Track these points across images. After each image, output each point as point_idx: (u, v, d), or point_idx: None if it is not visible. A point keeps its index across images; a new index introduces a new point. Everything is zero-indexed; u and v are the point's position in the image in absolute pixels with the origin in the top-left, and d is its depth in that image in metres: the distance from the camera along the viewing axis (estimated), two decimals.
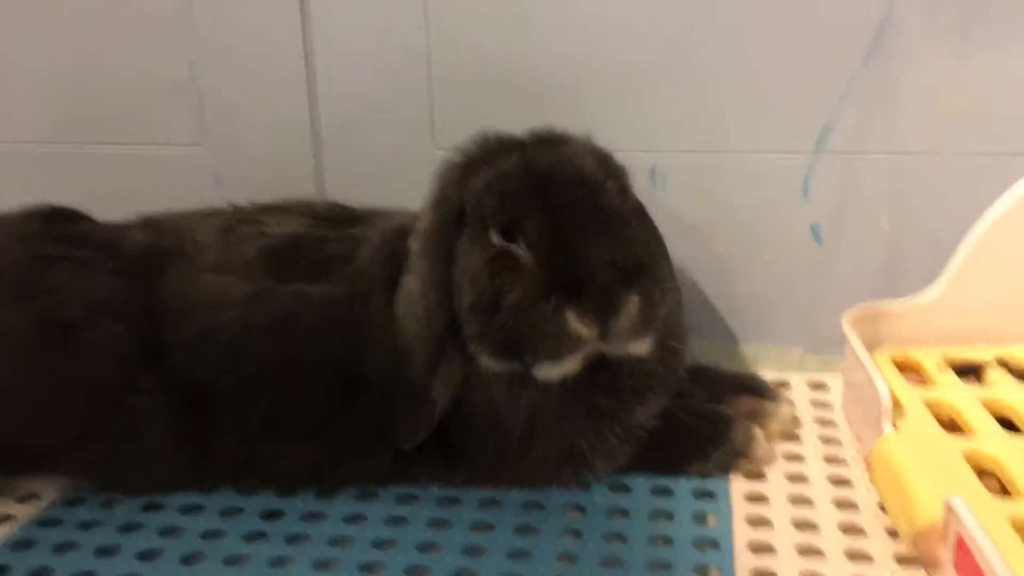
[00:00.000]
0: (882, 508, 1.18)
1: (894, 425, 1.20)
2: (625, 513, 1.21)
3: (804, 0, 1.39)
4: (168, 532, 1.21)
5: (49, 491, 1.30)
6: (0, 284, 1.30)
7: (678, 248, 1.37)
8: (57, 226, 1.42)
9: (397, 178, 1.48)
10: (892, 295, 1.47)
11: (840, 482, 1.26)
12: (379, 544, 1.17)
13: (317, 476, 1.28)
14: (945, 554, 0.99)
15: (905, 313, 1.45)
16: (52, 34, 1.58)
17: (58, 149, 1.64)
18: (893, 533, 1.14)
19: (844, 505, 1.20)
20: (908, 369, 1.41)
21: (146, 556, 1.16)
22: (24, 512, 1.26)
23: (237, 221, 1.42)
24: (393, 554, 1.15)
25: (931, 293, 1.45)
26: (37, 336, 1.25)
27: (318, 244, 1.36)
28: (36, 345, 1.24)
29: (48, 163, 1.65)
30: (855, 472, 1.28)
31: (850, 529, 1.15)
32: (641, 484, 1.27)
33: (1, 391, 1.23)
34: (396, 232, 1.31)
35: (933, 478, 1.10)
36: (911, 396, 1.29)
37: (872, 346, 1.41)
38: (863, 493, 1.23)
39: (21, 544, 1.19)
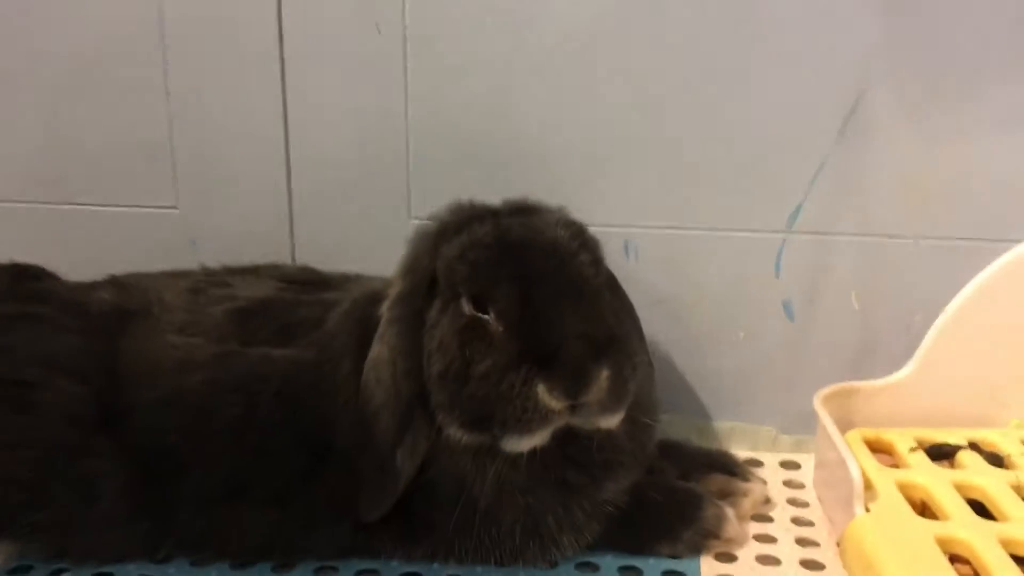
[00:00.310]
0: None
1: (866, 507, 1.18)
2: None
3: (778, 82, 1.42)
4: None
5: None
6: None
7: (650, 322, 1.37)
8: (21, 284, 1.40)
9: (372, 247, 1.48)
10: (865, 375, 1.48)
11: (812, 565, 1.23)
12: None
13: (276, 547, 1.24)
14: None
15: (877, 393, 1.45)
16: (30, 95, 1.57)
17: (32, 208, 1.62)
18: None
19: None
20: (880, 450, 1.40)
21: None
22: None
23: (207, 283, 1.41)
24: None
25: (902, 374, 1.45)
26: None
27: (288, 308, 1.34)
28: None
29: (22, 222, 1.63)
30: (827, 554, 1.25)
31: None
32: (609, 563, 1.24)
33: None
34: (367, 298, 1.29)
35: (906, 563, 1.08)
36: (883, 478, 1.28)
37: (844, 426, 1.40)
38: None
39: None
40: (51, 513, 1.20)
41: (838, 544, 1.24)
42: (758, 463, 1.52)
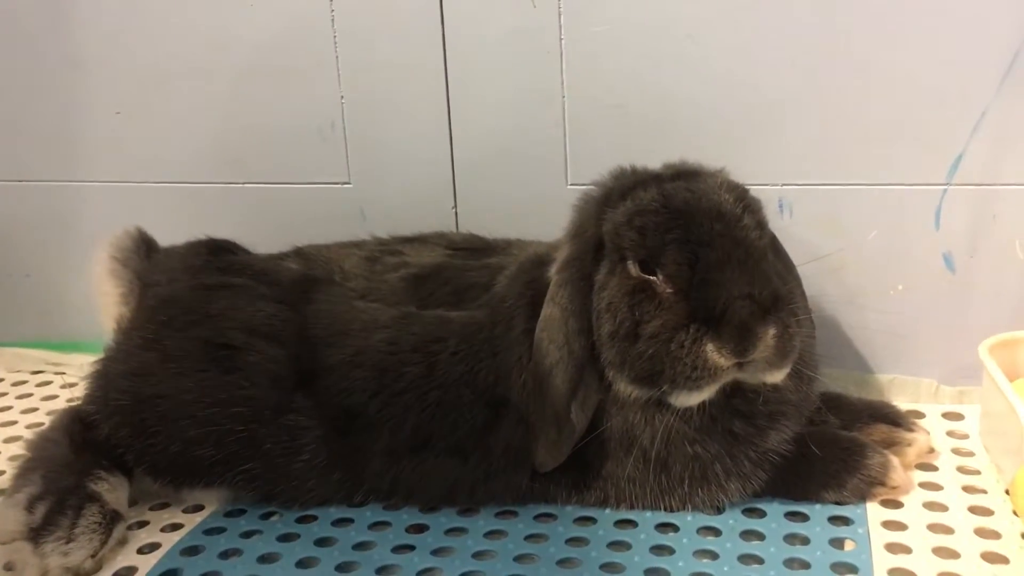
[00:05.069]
0: None
1: None
2: (760, 536, 1.23)
3: (935, 33, 1.41)
4: (323, 543, 1.29)
5: (212, 502, 1.40)
6: (170, 311, 1.41)
7: (807, 277, 1.39)
8: (218, 257, 1.54)
9: (531, 214, 1.55)
10: None
11: (981, 511, 1.25)
12: (521, 558, 1.22)
13: (459, 493, 1.34)
14: None
15: None
16: (214, 84, 1.71)
17: (219, 187, 1.77)
18: None
19: (986, 534, 1.20)
20: None
21: (304, 564, 1.24)
22: (191, 521, 1.36)
23: (381, 252, 1.52)
24: (535, 568, 1.20)
25: None
26: (204, 358, 1.34)
27: (457, 272, 1.43)
28: (203, 366, 1.34)
29: (211, 200, 1.78)
30: (995, 501, 1.27)
31: (993, 558, 1.15)
32: (775, 509, 1.29)
33: (171, 409, 1.32)
34: (533, 261, 1.37)
35: None
36: None
37: (1010, 376, 1.38)
38: (1006, 523, 1.22)
39: (189, 550, 1.29)
40: (260, 463, 1.33)
41: (1007, 491, 1.25)
42: (920, 415, 1.52)
